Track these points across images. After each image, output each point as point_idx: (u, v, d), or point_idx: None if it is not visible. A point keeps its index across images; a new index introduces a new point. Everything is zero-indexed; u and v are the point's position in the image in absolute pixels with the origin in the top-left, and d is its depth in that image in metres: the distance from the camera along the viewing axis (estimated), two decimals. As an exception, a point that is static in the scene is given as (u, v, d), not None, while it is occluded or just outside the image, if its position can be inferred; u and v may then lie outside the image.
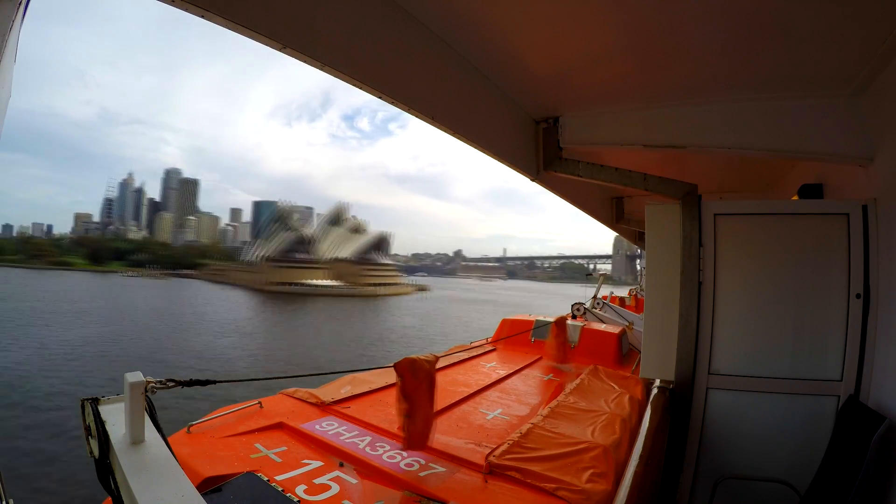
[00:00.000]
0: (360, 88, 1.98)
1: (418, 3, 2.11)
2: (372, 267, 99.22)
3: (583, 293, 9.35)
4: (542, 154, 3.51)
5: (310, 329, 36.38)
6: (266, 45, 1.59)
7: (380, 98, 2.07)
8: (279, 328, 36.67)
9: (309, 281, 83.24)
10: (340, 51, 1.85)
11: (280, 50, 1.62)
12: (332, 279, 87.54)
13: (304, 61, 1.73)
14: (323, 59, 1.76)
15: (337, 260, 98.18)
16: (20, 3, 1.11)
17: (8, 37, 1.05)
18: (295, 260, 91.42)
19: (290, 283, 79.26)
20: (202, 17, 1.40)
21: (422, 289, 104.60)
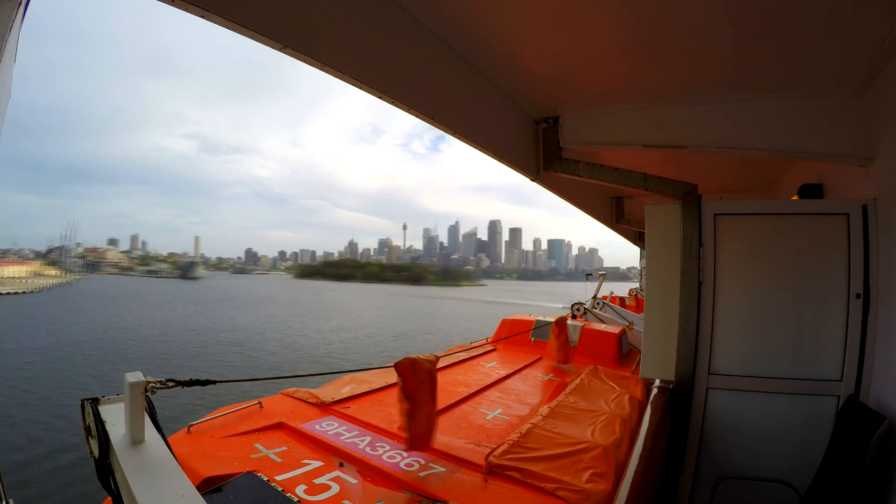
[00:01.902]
0: (361, 88, 1.98)
1: (418, 4, 2.11)
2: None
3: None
4: (542, 154, 3.51)
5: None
6: (266, 45, 1.59)
7: (380, 98, 2.07)
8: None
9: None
10: (340, 51, 1.85)
11: (280, 50, 1.62)
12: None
13: (304, 61, 1.73)
14: (323, 59, 1.75)
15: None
16: (20, 3, 1.11)
17: (8, 37, 1.05)
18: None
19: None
20: (202, 17, 1.40)
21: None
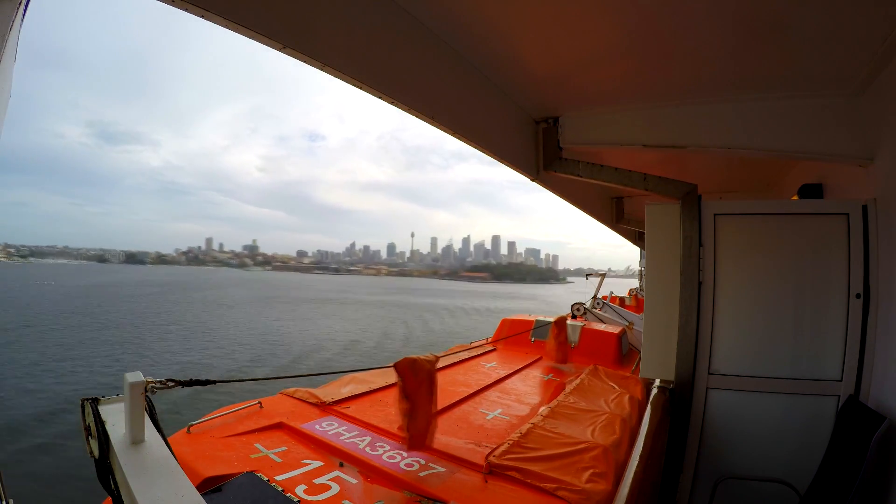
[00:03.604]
0: (360, 88, 1.98)
1: (419, 4, 2.11)
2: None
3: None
4: (542, 154, 3.51)
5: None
6: (266, 45, 1.59)
7: (379, 98, 2.07)
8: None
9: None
10: (340, 51, 1.85)
11: (280, 50, 1.62)
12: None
13: (304, 61, 1.73)
14: (323, 59, 1.75)
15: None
16: (20, 3, 1.11)
17: (8, 37, 1.05)
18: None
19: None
20: (202, 17, 1.39)
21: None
